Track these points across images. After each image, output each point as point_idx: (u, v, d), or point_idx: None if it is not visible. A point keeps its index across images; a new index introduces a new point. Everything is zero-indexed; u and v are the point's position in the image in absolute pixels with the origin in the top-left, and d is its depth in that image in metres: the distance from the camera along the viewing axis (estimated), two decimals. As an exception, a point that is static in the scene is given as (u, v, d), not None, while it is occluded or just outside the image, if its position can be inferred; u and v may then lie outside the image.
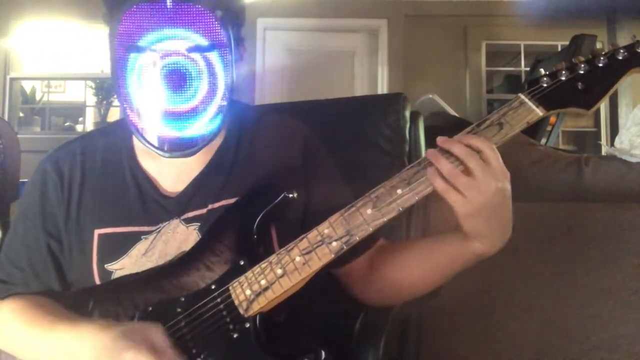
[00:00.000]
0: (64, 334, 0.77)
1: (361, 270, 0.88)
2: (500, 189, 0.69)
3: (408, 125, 1.13)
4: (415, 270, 0.84)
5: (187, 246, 0.82)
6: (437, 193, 0.71)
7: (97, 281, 0.83)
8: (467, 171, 0.69)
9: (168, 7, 0.74)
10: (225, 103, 0.80)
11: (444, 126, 1.87)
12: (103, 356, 0.71)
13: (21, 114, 4.40)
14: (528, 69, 3.80)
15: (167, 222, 0.84)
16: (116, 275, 0.83)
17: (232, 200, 0.83)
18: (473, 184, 0.68)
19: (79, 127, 4.81)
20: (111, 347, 0.70)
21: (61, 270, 0.87)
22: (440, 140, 0.71)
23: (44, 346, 0.79)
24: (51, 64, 4.53)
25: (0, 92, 4.09)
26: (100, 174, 0.88)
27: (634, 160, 1.38)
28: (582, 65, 0.73)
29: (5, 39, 4.08)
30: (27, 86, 4.52)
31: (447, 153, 0.71)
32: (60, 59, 4.55)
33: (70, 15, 4.06)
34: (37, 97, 4.60)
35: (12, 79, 4.18)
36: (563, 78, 0.74)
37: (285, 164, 0.87)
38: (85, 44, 4.49)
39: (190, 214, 0.84)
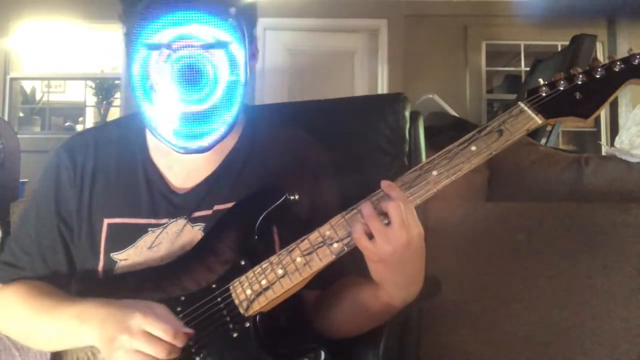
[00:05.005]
0: (67, 311, 0.78)
1: (310, 302, 0.89)
2: (409, 243, 0.70)
3: (408, 125, 1.13)
4: (337, 312, 0.85)
5: (192, 246, 0.83)
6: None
7: (100, 269, 0.84)
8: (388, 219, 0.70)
9: (184, 4, 0.75)
10: (239, 100, 0.81)
11: (444, 126, 1.87)
12: (108, 324, 0.72)
13: (21, 114, 4.40)
14: (528, 69, 3.80)
15: (174, 220, 0.85)
16: (120, 265, 0.84)
17: None
18: (385, 232, 0.69)
19: (79, 127, 4.82)
20: (117, 313, 0.72)
21: (70, 254, 0.89)
22: (385, 183, 0.72)
23: (48, 325, 0.80)
24: (51, 64, 4.54)
25: (0, 92, 4.09)
26: (113, 165, 0.90)
27: (634, 160, 1.38)
28: (580, 76, 0.75)
29: (5, 39, 4.09)
30: (27, 86, 4.53)
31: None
32: (60, 59, 4.55)
33: (70, 15, 4.06)
34: (37, 97, 4.61)
35: (12, 79, 4.18)
36: (561, 88, 0.75)
37: (295, 181, 0.87)
38: (85, 44, 4.50)
39: (197, 214, 0.85)
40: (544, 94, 0.75)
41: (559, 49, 3.76)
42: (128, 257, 0.84)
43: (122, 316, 0.72)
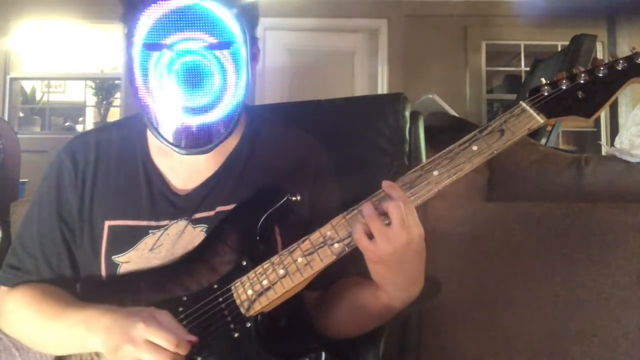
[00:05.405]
0: (73, 317, 0.79)
1: (310, 302, 0.90)
2: (409, 243, 0.70)
3: (408, 125, 1.13)
4: (338, 313, 0.85)
5: (193, 247, 0.83)
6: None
7: (103, 272, 0.84)
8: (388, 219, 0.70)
9: (185, 5, 0.75)
10: (240, 101, 0.81)
11: (444, 126, 1.87)
12: (113, 333, 0.72)
13: (21, 114, 4.39)
14: (528, 69, 3.79)
15: (175, 221, 0.85)
16: (122, 268, 0.84)
17: None
18: (385, 232, 0.69)
19: (79, 127, 4.81)
20: (121, 323, 0.72)
21: (73, 257, 0.89)
22: (386, 184, 0.72)
23: (55, 331, 0.80)
24: (51, 64, 4.53)
25: (0, 92, 4.09)
26: (114, 166, 0.90)
27: (634, 160, 1.38)
28: (583, 75, 0.75)
29: (5, 39, 4.08)
30: (27, 86, 4.52)
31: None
32: (60, 59, 4.55)
33: (70, 15, 4.06)
34: (37, 97, 4.60)
35: (12, 79, 4.17)
36: (564, 87, 0.75)
37: (296, 181, 0.87)
38: (85, 44, 4.50)
39: (199, 215, 0.85)
40: (545, 93, 0.75)
41: (559, 49, 3.76)
42: (130, 259, 0.84)
43: (126, 325, 0.71)
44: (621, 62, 0.75)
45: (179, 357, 0.71)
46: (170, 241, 0.84)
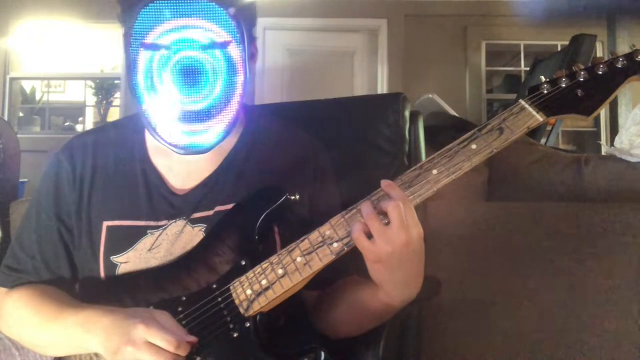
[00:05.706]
0: (72, 318, 0.78)
1: (310, 302, 0.90)
2: (408, 243, 0.69)
3: (408, 125, 1.13)
4: (337, 313, 0.85)
5: (192, 247, 0.83)
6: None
7: (102, 273, 0.84)
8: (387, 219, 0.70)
9: (183, 5, 0.75)
10: (239, 100, 0.81)
11: (444, 126, 1.87)
12: (113, 335, 0.72)
13: (21, 114, 4.39)
14: (528, 69, 3.79)
15: (173, 221, 0.85)
16: (121, 268, 0.84)
17: None
18: (384, 232, 0.69)
19: (79, 127, 4.81)
20: (121, 325, 0.72)
21: (72, 258, 0.89)
22: (385, 183, 0.72)
23: (54, 332, 0.80)
24: (51, 64, 4.53)
25: (0, 92, 4.09)
26: (112, 167, 0.90)
27: (634, 160, 1.38)
28: (582, 73, 0.75)
29: (5, 39, 4.08)
30: (27, 86, 4.52)
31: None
32: (60, 59, 4.55)
33: (70, 15, 4.06)
34: (37, 97, 4.60)
35: (12, 79, 4.17)
36: (563, 85, 0.75)
37: (295, 180, 0.88)
38: (85, 44, 4.50)
39: (197, 215, 0.85)
40: (545, 92, 0.74)
41: (559, 49, 3.76)
42: (129, 259, 0.84)
43: (126, 327, 0.71)
44: (621, 60, 0.74)
45: (180, 359, 0.71)
46: (169, 241, 0.84)
